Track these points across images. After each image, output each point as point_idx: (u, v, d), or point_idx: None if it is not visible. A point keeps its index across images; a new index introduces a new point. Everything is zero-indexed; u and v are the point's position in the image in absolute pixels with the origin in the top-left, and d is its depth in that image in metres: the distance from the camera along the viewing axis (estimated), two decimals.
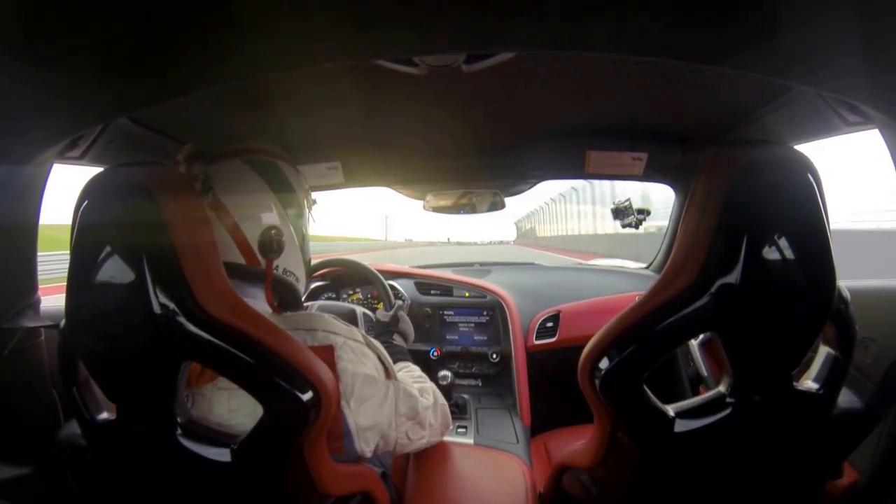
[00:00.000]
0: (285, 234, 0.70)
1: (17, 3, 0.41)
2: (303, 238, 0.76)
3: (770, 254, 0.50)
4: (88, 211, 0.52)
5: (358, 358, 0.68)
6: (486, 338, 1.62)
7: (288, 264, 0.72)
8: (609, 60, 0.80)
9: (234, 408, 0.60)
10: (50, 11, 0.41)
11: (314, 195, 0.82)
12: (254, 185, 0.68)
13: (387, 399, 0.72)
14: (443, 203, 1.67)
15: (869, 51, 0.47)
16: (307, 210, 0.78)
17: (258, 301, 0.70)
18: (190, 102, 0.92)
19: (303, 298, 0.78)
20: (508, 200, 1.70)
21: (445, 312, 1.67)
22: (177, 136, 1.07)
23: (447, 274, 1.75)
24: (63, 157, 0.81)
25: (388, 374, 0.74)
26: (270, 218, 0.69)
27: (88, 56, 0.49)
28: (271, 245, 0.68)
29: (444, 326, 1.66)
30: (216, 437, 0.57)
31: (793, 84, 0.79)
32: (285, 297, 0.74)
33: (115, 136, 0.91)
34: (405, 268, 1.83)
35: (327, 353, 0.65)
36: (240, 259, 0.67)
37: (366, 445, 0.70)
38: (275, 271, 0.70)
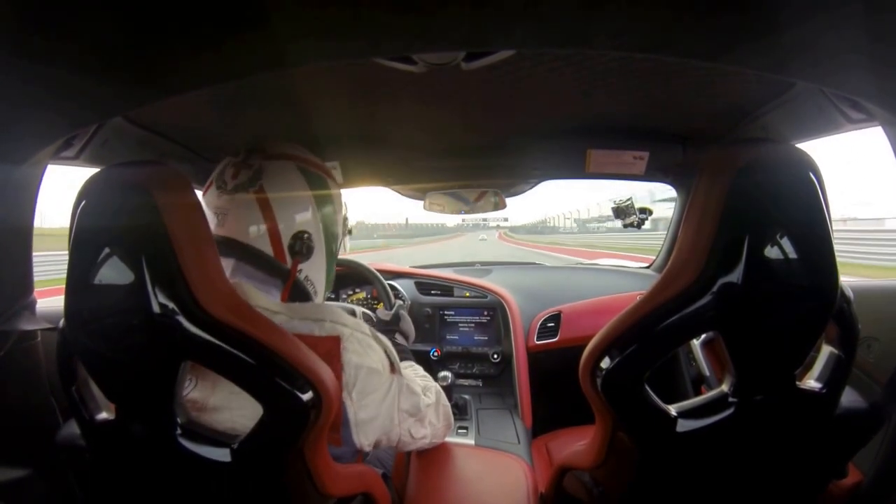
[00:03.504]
0: (315, 243, 0.73)
1: (11, 1, 0.40)
2: (331, 255, 0.78)
3: (772, 253, 0.50)
4: (87, 211, 0.52)
5: (364, 350, 0.68)
6: (486, 338, 1.62)
7: (311, 272, 0.74)
8: (609, 58, 0.80)
9: (237, 391, 0.60)
10: (44, 10, 0.41)
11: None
12: (300, 189, 0.72)
13: (389, 393, 0.73)
14: (443, 203, 1.67)
15: (872, 47, 0.47)
16: (341, 233, 0.81)
17: (270, 295, 0.70)
18: (186, 101, 0.92)
19: None
20: (510, 200, 1.70)
21: (446, 312, 1.67)
22: (173, 135, 1.07)
23: (447, 274, 1.74)
24: (58, 157, 0.81)
25: (394, 368, 0.74)
26: (307, 224, 0.72)
27: (83, 55, 0.48)
28: (301, 248, 0.71)
29: (445, 326, 1.66)
30: (216, 437, 0.56)
31: (795, 81, 0.78)
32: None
33: (110, 135, 0.90)
34: (405, 268, 1.83)
35: (333, 344, 0.65)
36: (268, 250, 0.69)
37: (364, 439, 0.70)
38: (298, 274, 0.71)
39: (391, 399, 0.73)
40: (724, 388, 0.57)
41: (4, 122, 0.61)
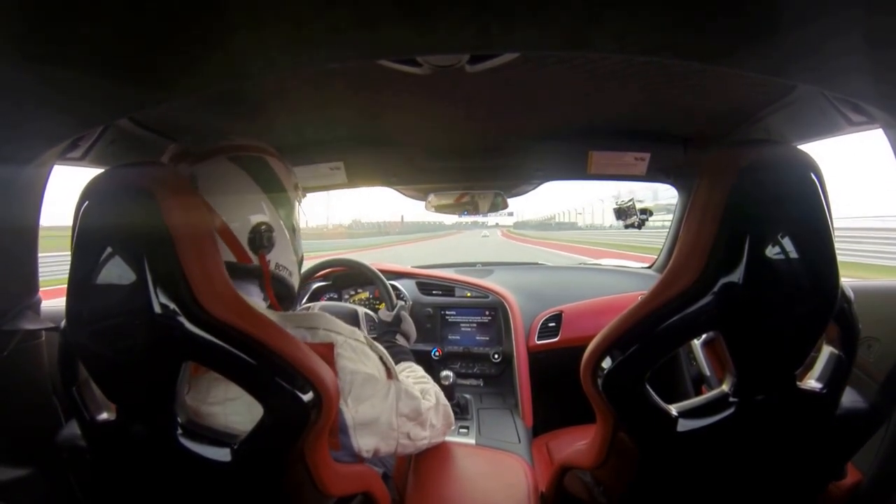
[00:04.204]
0: (275, 229, 0.70)
1: (19, 3, 0.41)
2: (293, 231, 0.76)
3: (773, 253, 0.50)
4: (89, 212, 0.52)
5: (359, 357, 0.68)
6: (487, 338, 1.62)
7: (280, 259, 0.72)
8: (612, 61, 0.80)
9: (232, 396, 0.60)
10: (51, 12, 0.41)
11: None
12: (240, 182, 0.68)
13: (387, 399, 0.72)
14: (445, 203, 1.67)
15: (873, 49, 0.47)
16: (297, 204, 0.78)
17: (252, 297, 0.70)
18: (192, 104, 0.92)
19: (296, 292, 0.78)
20: (512, 200, 1.71)
21: (447, 312, 1.67)
22: (178, 137, 1.07)
23: (449, 274, 1.75)
24: (64, 157, 0.81)
25: (390, 374, 0.74)
26: (259, 214, 0.69)
27: (90, 57, 0.48)
28: (262, 241, 0.68)
29: (446, 326, 1.66)
30: (216, 437, 0.57)
31: (796, 83, 0.78)
32: (279, 293, 0.74)
33: (116, 137, 0.91)
34: (407, 268, 1.83)
35: (327, 351, 0.65)
36: (230, 257, 0.67)
37: (363, 444, 0.70)
38: (269, 266, 0.70)
39: (389, 404, 0.73)
40: (725, 387, 0.57)
41: (11, 123, 0.61)
